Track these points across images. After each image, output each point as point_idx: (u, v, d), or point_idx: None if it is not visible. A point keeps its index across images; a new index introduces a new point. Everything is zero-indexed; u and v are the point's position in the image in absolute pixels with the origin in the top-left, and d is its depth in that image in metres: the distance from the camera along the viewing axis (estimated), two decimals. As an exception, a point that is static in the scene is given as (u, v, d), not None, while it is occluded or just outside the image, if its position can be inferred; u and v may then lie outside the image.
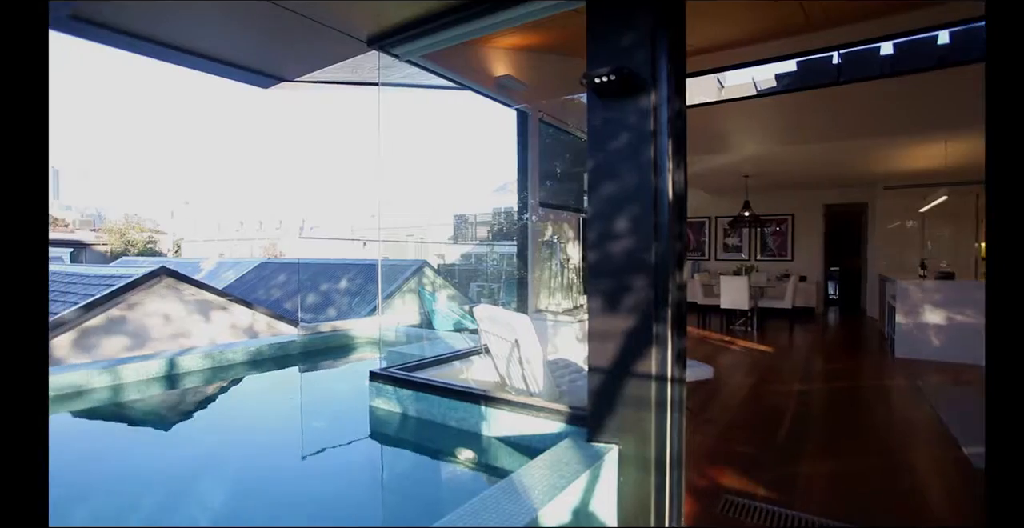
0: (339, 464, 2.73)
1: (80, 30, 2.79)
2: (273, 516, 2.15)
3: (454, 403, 2.90)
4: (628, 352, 2.10)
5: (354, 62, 3.65)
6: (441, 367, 3.50)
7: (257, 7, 2.76)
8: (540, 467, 1.95)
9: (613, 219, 2.13)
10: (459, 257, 16.66)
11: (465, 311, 9.57)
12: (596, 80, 2.00)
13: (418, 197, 21.84)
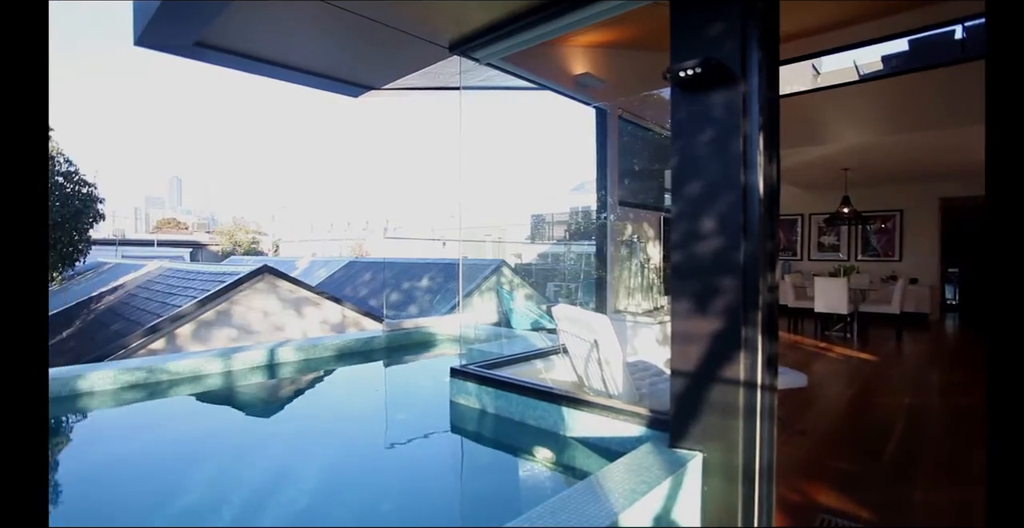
0: (421, 456, 2.84)
1: (201, 55, 3.13)
2: (360, 502, 2.27)
3: (533, 402, 2.92)
4: (714, 356, 2.01)
5: (436, 68, 3.78)
6: (519, 366, 3.54)
7: (350, 21, 2.94)
8: (620, 470, 1.92)
9: (698, 217, 2.05)
10: (536, 257, 16.73)
11: (543, 310, 9.61)
12: (681, 74, 1.94)
13: (496, 198, 22.15)
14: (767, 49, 1.97)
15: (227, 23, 2.91)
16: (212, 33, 3.02)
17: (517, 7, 2.84)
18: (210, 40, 3.08)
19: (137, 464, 2.66)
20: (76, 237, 18.07)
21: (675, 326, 2.14)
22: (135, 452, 2.83)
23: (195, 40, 3.02)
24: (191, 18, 2.80)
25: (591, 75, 4.22)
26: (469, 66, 3.48)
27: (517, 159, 26.36)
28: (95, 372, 3.51)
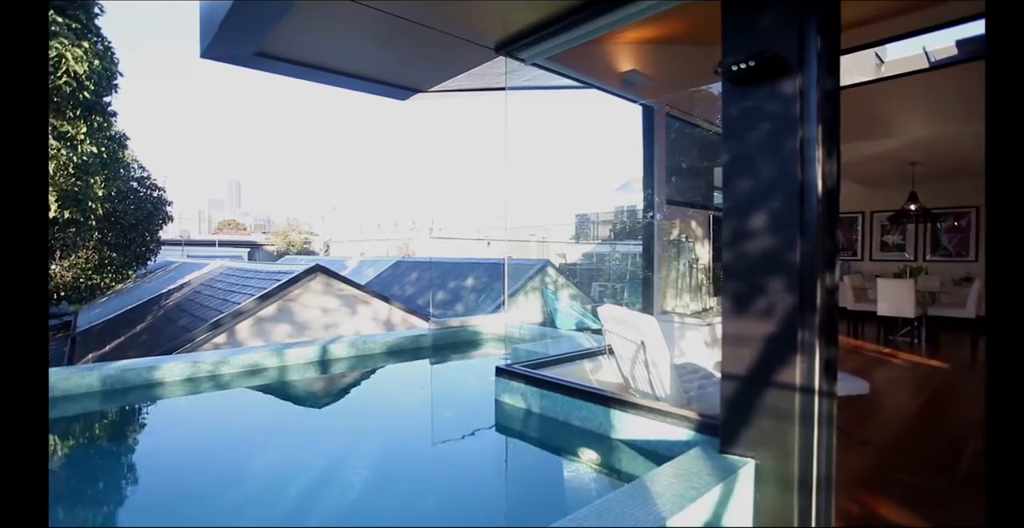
0: (466, 454, 2.87)
1: (261, 64, 3.29)
2: (406, 497, 2.32)
3: (578, 402, 2.91)
4: (768, 359, 1.93)
5: (481, 69, 3.81)
6: (564, 366, 3.53)
7: (398, 26, 3.01)
8: (668, 475, 1.88)
9: (750, 215, 1.98)
10: (581, 256, 16.60)
11: (587, 310, 9.53)
12: (733, 68, 1.88)
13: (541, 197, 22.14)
14: (827, 38, 1.88)
15: (284, 34, 3.05)
16: (270, 44, 3.17)
17: (563, 6, 2.83)
18: (268, 50, 3.23)
19: (200, 450, 2.82)
20: (148, 238, 19.36)
21: (726, 328, 2.08)
22: (199, 439, 3.00)
23: (255, 51, 3.18)
24: (251, 30, 2.94)
25: (638, 72, 4.15)
26: (515, 66, 3.49)
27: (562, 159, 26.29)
28: (166, 364, 3.75)
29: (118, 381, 3.53)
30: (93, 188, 7.88)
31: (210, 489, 2.34)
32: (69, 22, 7.29)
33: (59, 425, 3.17)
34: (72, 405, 3.31)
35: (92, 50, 7.21)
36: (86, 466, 2.72)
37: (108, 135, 8.40)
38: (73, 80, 6.93)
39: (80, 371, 3.49)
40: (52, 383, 3.30)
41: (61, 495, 2.38)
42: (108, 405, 3.44)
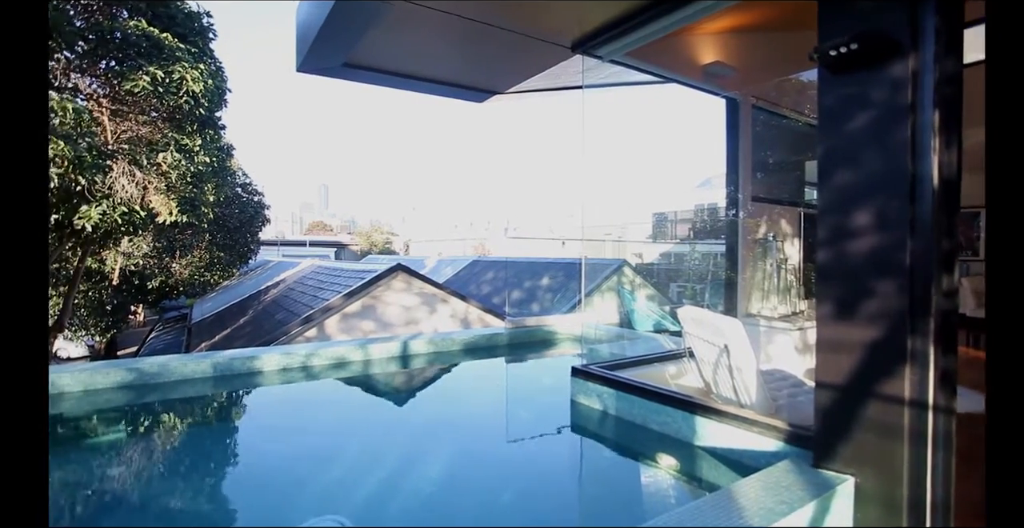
0: (541, 453, 2.88)
1: (348, 74, 3.49)
2: (481, 493, 2.36)
3: (656, 406, 2.83)
4: (872, 369, 1.77)
5: (557, 69, 3.81)
6: (642, 368, 3.44)
7: (476, 30, 3.07)
8: (755, 487, 1.77)
9: (851, 212, 1.82)
10: (658, 256, 16.12)
11: (665, 312, 9.22)
12: (832, 52, 1.74)
13: (616, 196, 21.71)
14: (946, 12, 1.69)
15: (369, 45, 3.21)
16: (356, 55, 3.36)
17: (641, 1, 2.76)
18: (355, 61, 3.42)
19: (291, 434, 3.04)
20: (249, 239, 21.19)
21: (822, 333, 1.93)
22: (291, 424, 3.24)
23: (343, 62, 3.38)
24: (340, 44, 3.13)
25: (721, 63, 3.95)
26: (591, 64, 3.45)
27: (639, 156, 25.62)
28: (265, 354, 4.08)
29: (226, 368, 3.89)
30: (206, 195, 8.73)
31: (300, 471, 2.51)
32: (188, 48, 8.13)
33: (178, 405, 3.56)
34: (189, 388, 3.69)
35: (207, 71, 7.99)
36: (198, 441, 3.02)
37: (218, 146, 9.27)
38: (191, 99, 7.72)
39: (196, 358, 3.89)
40: (174, 368, 3.70)
41: (180, 465, 2.66)
42: (218, 389, 3.80)
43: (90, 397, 3.39)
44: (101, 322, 19.90)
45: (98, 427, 3.20)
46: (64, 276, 11.78)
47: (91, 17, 7.90)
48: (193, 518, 2.14)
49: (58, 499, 2.30)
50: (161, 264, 19.41)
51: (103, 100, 8.16)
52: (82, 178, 7.13)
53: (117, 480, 2.50)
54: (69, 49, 7.20)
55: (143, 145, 8.13)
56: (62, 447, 2.92)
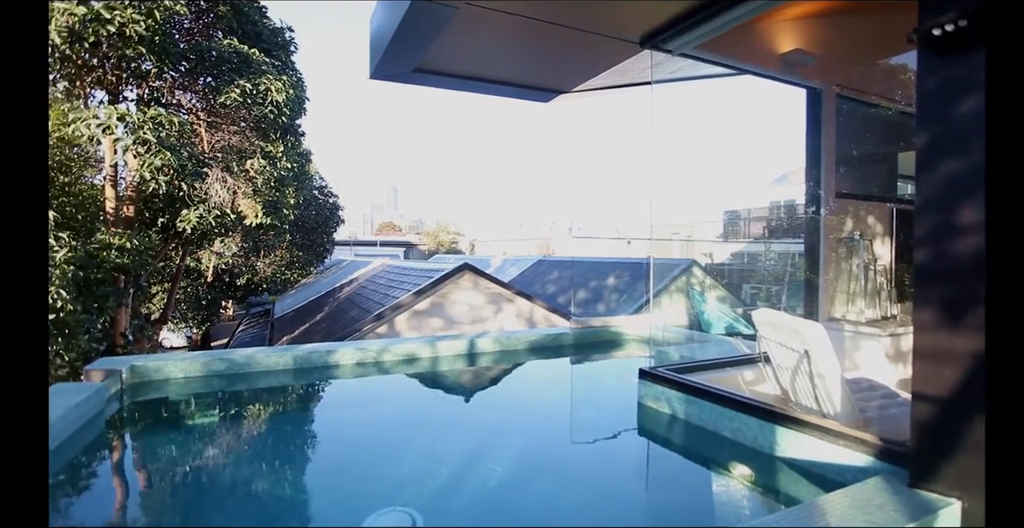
0: (606, 455, 2.84)
1: (419, 79, 3.61)
2: (546, 492, 2.36)
3: (729, 412, 2.71)
4: (983, 381, 1.60)
5: (624, 65, 3.74)
6: (713, 372, 3.31)
7: (542, 30, 3.08)
8: (842, 504, 1.66)
9: (956, 208, 1.66)
10: (729, 256, 15.45)
11: (738, 314, 8.81)
12: (935, 32, 1.58)
13: (685, 195, 21.01)
14: (1071, -16, 1.50)
15: (438, 50, 3.30)
16: (426, 60, 3.46)
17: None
18: (425, 66, 3.53)
19: (364, 427, 3.18)
20: (325, 239, 22.41)
21: (920, 340, 1.77)
22: (364, 416, 3.39)
23: (413, 67, 3.49)
24: (411, 51, 3.24)
25: (801, 51, 3.72)
26: (660, 59, 3.36)
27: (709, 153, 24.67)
28: (340, 349, 4.30)
29: (305, 361, 4.14)
30: (287, 198, 9.33)
31: (370, 462, 2.62)
32: (272, 61, 8.72)
33: (263, 394, 3.82)
34: (272, 378, 3.95)
35: (289, 82, 8.54)
36: (279, 428, 3.24)
37: (298, 152, 9.88)
38: (275, 108, 8.28)
39: (278, 351, 4.16)
40: (259, 360, 3.98)
41: (263, 448, 2.87)
42: (297, 380, 4.05)
43: (190, 383, 3.72)
44: (197, 315, 21.81)
45: (195, 410, 3.51)
46: (168, 273, 12.99)
47: (192, 39, 8.67)
48: (273, 499, 2.30)
49: (159, 472, 2.55)
50: (248, 263, 20.98)
51: (200, 113, 8.92)
52: (184, 185, 7.84)
53: (209, 459, 2.72)
54: (174, 69, 7.92)
55: (233, 153, 8.81)
56: (166, 426, 3.24)
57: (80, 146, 8.74)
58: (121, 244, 7.28)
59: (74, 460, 2.53)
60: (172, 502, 2.28)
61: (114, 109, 7.06)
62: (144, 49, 6.85)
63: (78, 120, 6.84)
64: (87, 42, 6.42)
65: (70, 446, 2.54)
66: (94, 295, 6.86)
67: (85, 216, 8.72)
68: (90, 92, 8.05)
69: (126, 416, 3.23)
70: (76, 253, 6.20)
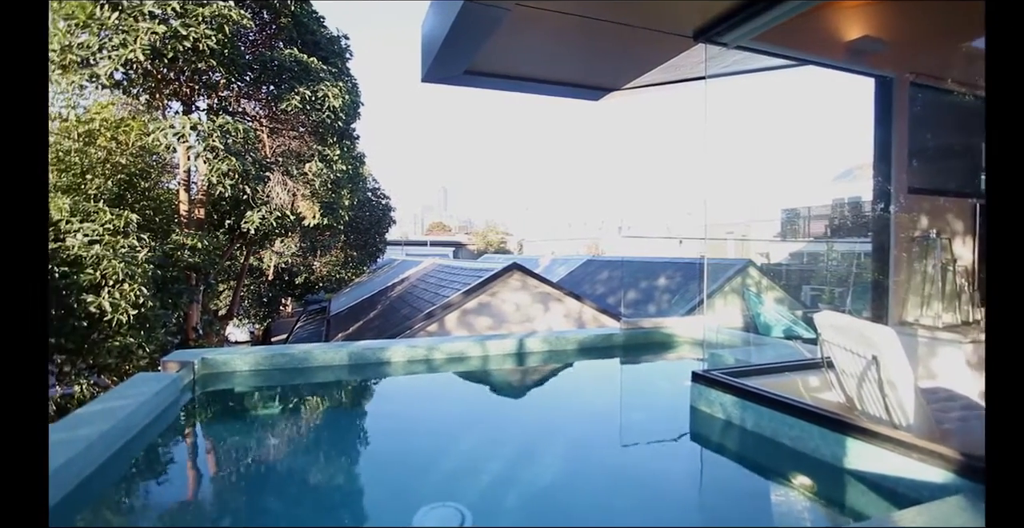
0: (658, 459, 2.78)
1: (469, 81, 3.66)
2: (594, 495, 2.33)
3: (789, 419, 2.59)
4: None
5: (676, 61, 3.64)
6: (771, 377, 3.17)
7: (593, 28, 3.05)
8: (915, 521, 1.55)
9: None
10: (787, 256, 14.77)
11: (797, 316, 8.42)
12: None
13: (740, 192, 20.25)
14: None
15: (488, 51, 3.33)
16: (477, 61, 3.50)
17: (774, -23, 2.55)
18: (475, 68, 3.57)
19: (413, 422, 3.26)
20: (378, 239, 23.09)
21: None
22: (414, 412, 3.47)
23: (464, 70, 3.54)
24: (462, 53, 3.29)
25: (871, 38, 3.50)
26: (715, 52, 3.25)
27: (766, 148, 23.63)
28: (392, 346, 4.42)
29: (359, 358, 4.28)
30: (343, 199, 9.68)
31: (419, 457, 2.68)
32: (329, 68, 9.08)
33: (319, 388, 3.99)
34: (328, 373, 4.12)
35: (345, 88, 8.86)
36: (334, 421, 3.37)
37: (352, 155, 10.23)
38: (332, 113, 8.62)
39: (334, 348, 4.33)
40: (316, 355, 4.15)
41: (319, 440, 2.99)
42: (351, 376, 4.20)
43: (254, 375, 3.93)
44: (259, 312, 23.00)
45: (258, 401, 3.71)
46: (233, 272, 13.78)
47: (256, 50, 9.15)
48: (328, 488, 2.39)
49: (226, 457, 2.71)
50: (305, 262, 21.91)
51: (263, 120, 9.39)
52: (248, 188, 8.29)
53: (270, 447, 2.87)
54: (240, 79, 8.39)
55: (293, 157, 9.23)
56: (233, 416, 3.44)
57: (158, 154, 9.40)
58: (193, 244, 7.78)
59: (153, 443, 2.73)
60: (237, 485, 2.42)
61: (187, 119, 7.55)
62: (215, 62, 7.29)
63: (157, 130, 7.37)
64: (166, 58, 6.91)
65: (151, 430, 2.74)
66: (170, 292, 7.36)
67: (162, 219, 9.38)
68: (167, 104, 8.65)
69: (198, 405, 3.45)
70: (155, 253, 6.68)
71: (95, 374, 6.51)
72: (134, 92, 7.96)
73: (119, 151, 8.81)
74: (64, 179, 7.80)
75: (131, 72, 7.11)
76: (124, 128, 9.02)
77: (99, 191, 7.96)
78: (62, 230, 6.09)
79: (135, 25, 6.59)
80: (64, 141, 8.41)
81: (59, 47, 6.62)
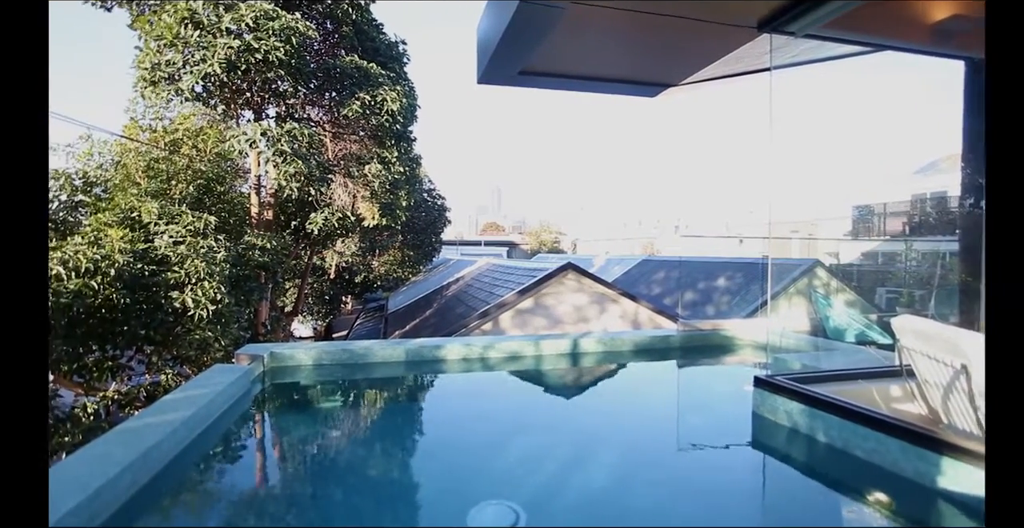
0: (718, 466, 2.68)
1: (524, 81, 3.67)
2: (651, 499, 2.27)
3: (863, 430, 2.43)
4: None
5: (738, 54, 3.50)
6: (841, 384, 2.99)
7: (651, 23, 2.98)
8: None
9: None
10: (860, 256, 13.88)
11: (871, 320, 7.88)
12: None
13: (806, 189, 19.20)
14: None
15: (544, 51, 3.33)
16: (532, 62, 3.51)
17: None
18: (530, 68, 3.58)
19: (468, 420, 3.30)
20: (433, 239, 23.63)
21: None
22: (468, 410, 3.52)
23: (519, 70, 3.56)
24: (518, 54, 3.30)
25: (961, 17, 3.22)
26: (780, 43, 3.10)
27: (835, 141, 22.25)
28: (448, 344, 4.50)
29: (416, 355, 4.39)
30: (400, 200, 9.97)
31: (473, 455, 2.72)
32: (387, 73, 9.37)
33: (378, 383, 4.13)
34: (386, 369, 4.25)
35: (402, 91, 9.13)
36: (390, 415, 3.47)
37: (410, 157, 10.52)
38: (390, 117, 8.90)
39: (392, 344, 4.46)
40: (376, 351, 4.30)
41: (376, 433, 3.09)
42: (408, 372, 4.32)
43: (317, 370, 4.12)
44: (322, 309, 24.09)
45: (321, 394, 3.89)
46: (298, 271, 14.50)
47: (320, 58, 9.58)
48: (386, 481, 2.47)
49: (291, 446, 2.85)
50: (364, 261, 22.74)
51: (326, 125, 9.82)
52: (312, 190, 8.70)
53: (332, 438, 3.00)
54: (306, 86, 8.82)
55: (353, 159, 9.60)
56: (298, 407, 3.63)
57: (232, 159, 10.04)
58: (263, 245, 8.25)
59: (228, 429, 2.91)
60: (300, 472, 2.54)
61: (258, 125, 8.02)
62: (283, 71, 7.70)
63: (231, 137, 7.88)
64: (240, 70, 7.37)
65: (226, 417, 2.93)
66: (243, 290, 7.84)
67: (235, 220, 10.00)
68: (240, 112, 9.22)
69: (267, 395, 3.65)
70: (230, 253, 7.14)
71: (178, 364, 7.03)
72: (212, 103, 8.53)
73: (199, 158, 9.48)
74: (153, 185, 8.47)
75: (209, 85, 7.63)
76: (203, 137, 9.70)
77: (182, 195, 8.59)
78: (151, 231, 6.62)
79: (213, 41, 7.06)
80: (153, 150, 9.14)
81: (150, 65, 7.20)
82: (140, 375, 6.98)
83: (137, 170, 8.69)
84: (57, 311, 5.21)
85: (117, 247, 5.84)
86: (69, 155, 8.80)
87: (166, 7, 7.28)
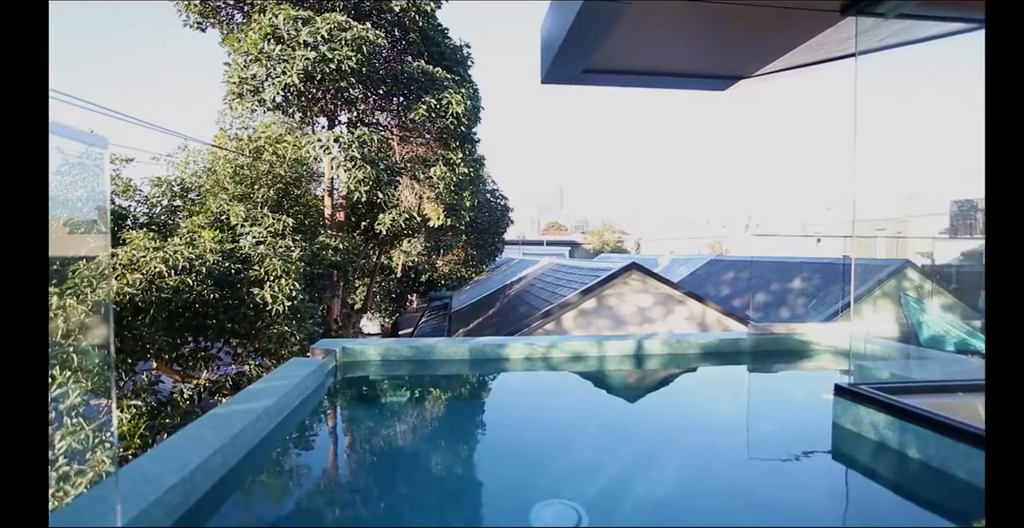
0: (793, 478, 2.53)
1: (589, 79, 3.63)
2: (719, 509, 2.18)
3: (964, 448, 2.21)
4: None
5: (817, 40, 3.28)
6: (937, 396, 2.74)
7: (721, 12, 2.86)
8: None
9: None
10: (959, 256, 12.60)
11: (973, 327, 7.15)
12: None
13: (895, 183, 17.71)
14: None
15: (609, 48, 3.28)
16: (596, 59, 3.46)
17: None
18: (595, 66, 3.54)
19: (530, 420, 3.31)
20: (496, 239, 23.90)
21: None
22: (531, 410, 3.53)
23: (584, 68, 3.52)
24: (583, 50, 3.27)
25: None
26: (867, 25, 2.88)
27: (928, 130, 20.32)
28: (511, 343, 4.54)
29: (479, 353, 4.47)
30: (464, 201, 10.17)
31: (534, 454, 2.72)
32: (452, 76, 9.59)
33: (442, 380, 4.24)
34: (450, 366, 4.35)
35: (467, 94, 9.31)
36: (454, 412, 3.55)
37: (473, 158, 10.70)
38: (455, 119, 9.10)
39: (456, 342, 4.56)
40: (440, 349, 4.41)
41: (440, 429, 3.17)
42: (472, 370, 4.40)
43: (385, 365, 4.28)
44: (389, 307, 25.05)
45: (388, 389, 4.04)
46: (367, 270, 15.14)
47: (388, 65, 9.96)
48: (450, 477, 2.52)
49: (361, 438, 2.98)
50: (429, 261, 23.40)
51: (394, 129, 10.20)
52: (380, 192, 9.06)
53: (399, 432, 3.10)
54: (375, 93, 9.20)
55: (419, 162, 9.90)
56: (367, 401, 3.79)
57: (307, 164, 10.65)
58: (335, 245, 8.69)
59: (304, 419, 3.10)
60: (368, 464, 2.65)
61: (331, 132, 8.46)
62: (354, 79, 8.08)
63: (307, 143, 8.36)
64: (315, 79, 7.80)
65: (303, 407, 3.12)
66: (316, 287, 8.30)
67: (310, 222, 10.60)
68: (315, 120, 9.77)
69: (339, 388, 3.84)
70: (305, 252, 7.58)
71: (260, 356, 7.56)
72: (290, 111, 9.09)
73: (279, 163, 10.13)
74: (239, 189, 9.15)
75: (288, 94, 8.13)
76: (282, 143, 10.36)
77: (264, 199, 9.22)
78: (237, 232, 7.16)
79: (292, 54, 7.52)
80: (239, 157, 9.87)
81: (238, 79, 7.79)
82: (227, 365, 7.57)
83: (225, 176, 9.43)
84: (159, 305, 5.75)
85: (209, 247, 6.36)
86: (169, 164, 9.69)
87: (251, 25, 7.85)
